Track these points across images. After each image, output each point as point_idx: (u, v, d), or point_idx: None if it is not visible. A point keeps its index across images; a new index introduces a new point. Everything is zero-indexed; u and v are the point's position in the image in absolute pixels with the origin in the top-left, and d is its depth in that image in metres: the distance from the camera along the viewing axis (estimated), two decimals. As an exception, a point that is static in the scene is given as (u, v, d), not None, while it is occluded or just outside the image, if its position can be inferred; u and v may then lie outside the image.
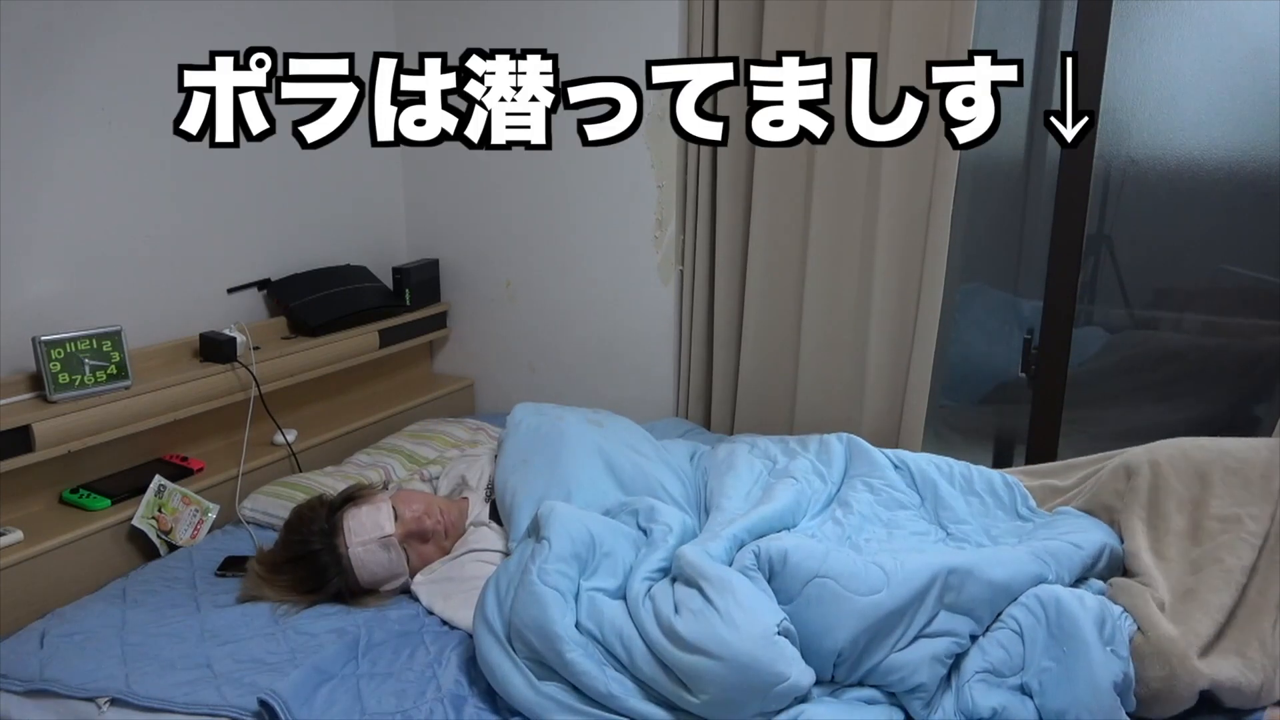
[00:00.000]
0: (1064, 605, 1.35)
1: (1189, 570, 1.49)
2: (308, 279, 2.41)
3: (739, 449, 1.97)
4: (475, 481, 1.97)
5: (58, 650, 1.51)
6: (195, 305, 2.17)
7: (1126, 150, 2.17)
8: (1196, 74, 2.08)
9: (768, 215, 2.26)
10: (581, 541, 1.49)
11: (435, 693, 1.41)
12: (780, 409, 2.37)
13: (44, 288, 1.88)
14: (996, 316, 2.44)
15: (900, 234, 2.14)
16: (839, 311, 2.25)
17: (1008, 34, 2.23)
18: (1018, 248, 2.37)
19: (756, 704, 1.29)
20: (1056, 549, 1.51)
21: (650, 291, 2.49)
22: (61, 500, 1.86)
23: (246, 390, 2.12)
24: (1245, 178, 2.09)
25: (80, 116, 1.90)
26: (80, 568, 1.76)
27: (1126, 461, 1.68)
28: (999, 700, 1.30)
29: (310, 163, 2.42)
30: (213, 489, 2.00)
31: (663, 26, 2.30)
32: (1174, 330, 2.30)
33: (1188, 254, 2.24)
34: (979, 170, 2.31)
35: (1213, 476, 1.59)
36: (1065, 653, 1.31)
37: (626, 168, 2.43)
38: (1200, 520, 1.55)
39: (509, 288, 2.70)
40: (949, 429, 2.49)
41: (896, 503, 1.80)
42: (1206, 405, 2.28)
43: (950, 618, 1.39)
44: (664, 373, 2.54)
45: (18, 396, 1.79)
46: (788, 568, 1.42)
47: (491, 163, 2.61)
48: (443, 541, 1.78)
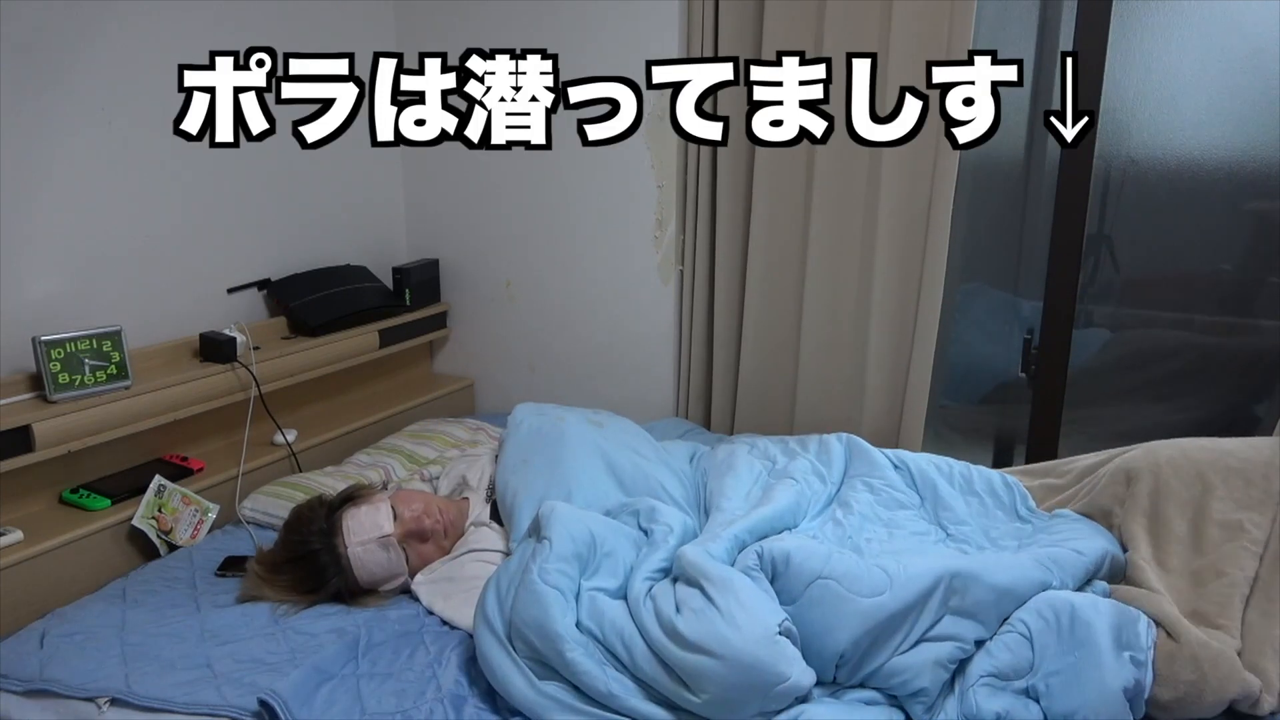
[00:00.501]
0: (1078, 611, 1.35)
1: (1191, 583, 1.49)
2: (308, 279, 2.41)
3: (739, 449, 1.97)
4: (476, 482, 1.97)
5: (58, 650, 1.51)
6: (195, 305, 2.17)
7: (1126, 150, 2.17)
8: (1196, 74, 2.09)
9: (768, 215, 2.26)
10: (582, 541, 1.50)
11: (435, 693, 1.41)
12: (780, 409, 2.37)
13: (44, 288, 1.88)
14: (996, 316, 2.44)
15: (900, 234, 2.14)
16: (839, 311, 2.25)
17: (1008, 34, 2.23)
18: (1018, 248, 2.38)
19: (757, 704, 1.29)
20: (1059, 555, 1.51)
21: (650, 291, 2.49)
22: (61, 500, 1.86)
23: (246, 390, 2.12)
24: (1245, 178, 2.09)
25: (80, 116, 1.90)
26: (80, 568, 1.76)
27: (1127, 466, 1.67)
28: (1003, 705, 1.30)
29: (310, 163, 2.42)
30: (213, 489, 2.00)
31: (663, 26, 2.30)
32: (1174, 330, 2.30)
33: (1188, 254, 2.24)
34: (979, 170, 2.31)
35: (1214, 478, 1.58)
36: (1077, 658, 1.31)
37: (626, 168, 2.43)
38: (1202, 527, 1.55)
39: (509, 288, 2.70)
40: (949, 429, 2.49)
41: (896, 503, 1.80)
42: (1206, 405, 2.28)
43: (955, 621, 1.39)
44: (664, 373, 2.54)
45: (18, 396, 1.79)
46: (790, 568, 1.42)
47: (491, 163, 2.61)
48: (442, 541, 1.77)
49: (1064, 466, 1.85)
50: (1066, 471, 1.83)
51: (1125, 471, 1.67)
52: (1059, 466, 1.87)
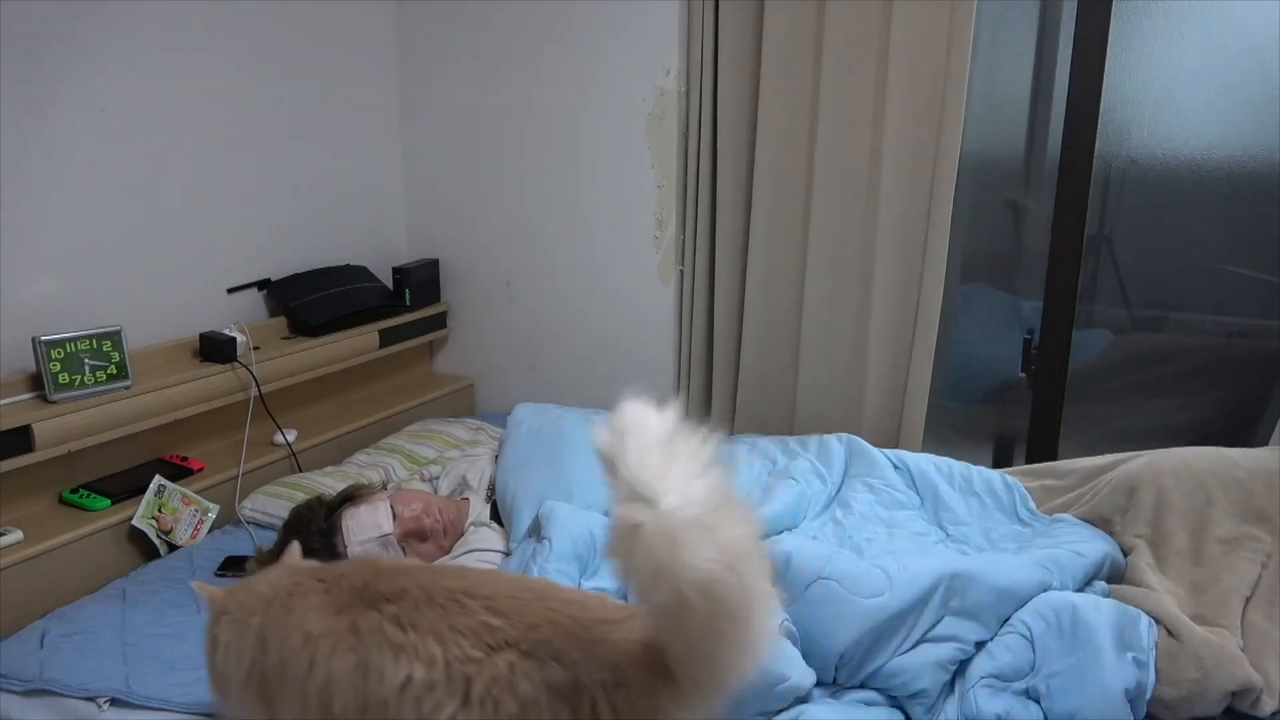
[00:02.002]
0: (1079, 612, 1.35)
1: (1191, 591, 1.49)
2: (308, 279, 2.41)
3: (738, 450, 1.97)
4: (476, 482, 1.97)
5: (58, 650, 1.51)
6: (195, 305, 2.17)
7: (1126, 150, 2.17)
8: (1196, 74, 2.09)
9: (768, 215, 2.26)
10: (582, 541, 1.50)
11: (436, 693, 1.40)
12: (780, 409, 2.37)
13: (44, 288, 1.88)
14: (996, 316, 2.44)
15: (900, 234, 2.14)
16: (839, 311, 2.25)
17: (1008, 34, 2.23)
18: (1018, 248, 2.38)
19: (757, 703, 1.29)
20: (1059, 557, 1.51)
21: (650, 291, 2.49)
22: (61, 500, 1.86)
23: (246, 390, 2.12)
24: (1245, 178, 2.09)
25: (81, 117, 1.90)
26: (80, 568, 1.76)
27: (1129, 476, 1.67)
28: (1004, 705, 1.30)
29: (310, 163, 2.42)
30: (213, 489, 2.00)
31: (663, 26, 2.30)
32: (1174, 330, 2.30)
33: (1188, 254, 2.24)
34: (979, 170, 2.31)
35: (1216, 491, 1.58)
36: (1078, 659, 1.31)
37: (626, 168, 2.43)
38: (1202, 540, 1.55)
39: (509, 288, 2.70)
40: (949, 429, 2.48)
41: (896, 503, 1.80)
42: (1206, 405, 2.28)
43: (955, 622, 1.39)
44: (664, 373, 2.53)
45: (18, 396, 1.79)
46: (791, 569, 1.42)
47: (491, 163, 2.61)
48: (441, 540, 1.77)
49: (1065, 468, 1.85)
50: (1067, 473, 1.83)
51: (1128, 482, 1.67)
52: (1059, 468, 1.87)
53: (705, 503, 0.83)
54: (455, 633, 1.00)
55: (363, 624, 1.04)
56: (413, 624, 1.02)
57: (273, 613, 1.11)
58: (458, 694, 0.97)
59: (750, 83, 2.23)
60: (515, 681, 0.96)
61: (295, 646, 1.05)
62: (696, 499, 0.83)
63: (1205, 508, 1.57)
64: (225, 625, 1.15)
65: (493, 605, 1.02)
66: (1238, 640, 1.37)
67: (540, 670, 0.96)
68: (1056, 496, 1.80)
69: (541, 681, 0.96)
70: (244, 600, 1.15)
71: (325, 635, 1.04)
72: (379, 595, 1.06)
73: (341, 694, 1.02)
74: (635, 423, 0.87)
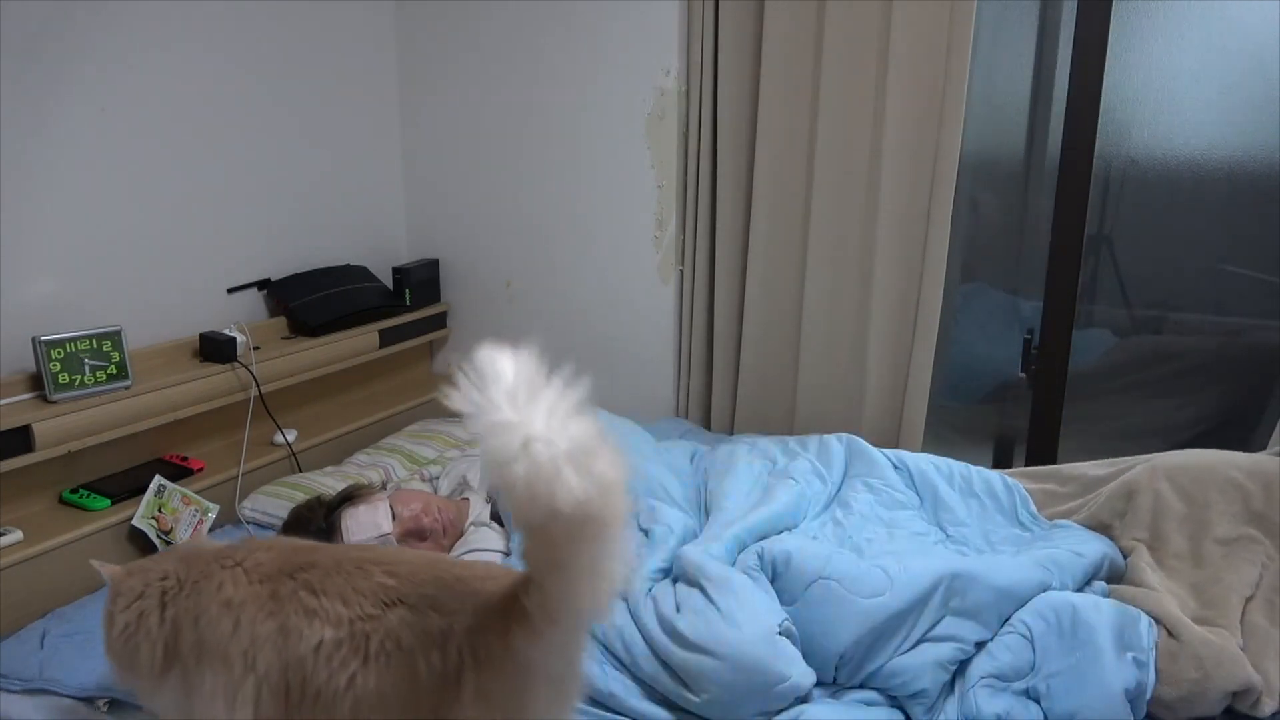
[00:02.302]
0: (1079, 612, 1.35)
1: (1190, 593, 1.49)
2: (308, 279, 2.41)
3: (738, 450, 1.97)
4: (477, 482, 1.98)
5: (58, 650, 1.51)
6: (195, 305, 2.17)
7: (1126, 150, 2.17)
8: (1196, 74, 2.09)
9: (768, 215, 2.26)
10: (582, 541, 1.49)
11: (435, 693, 1.41)
12: (780, 409, 2.37)
13: (44, 288, 1.88)
14: (996, 316, 2.44)
15: (900, 234, 2.14)
16: (839, 311, 2.25)
17: (1008, 34, 2.23)
18: (1018, 248, 2.38)
19: (757, 703, 1.29)
20: (1059, 557, 1.52)
21: (650, 291, 2.49)
22: (61, 500, 1.86)
23: (246, 390, 2.12)
24: (1245, 178, 2.09)
25: (80, 116, 1.90)
26: (80, 568, 1.75)
27: (1126, 483, 1.68)
28: (1004, 705, 1.30)
29: (310, 163, 2.42)
30: (213, 489, 2.00)
31: (663, 26, 2.30)
32: (1174, 330, 2.30)
33: (1188, 254, 2.24)
34: (979, 170, 2.31)
35: (1214, 494, 1.59)
36: (1078, 659, 1.31)
37: (626, 168, 2.43)
38: (1201, 543, 1.55)
39: (509, 288, 2.70)
40: (949, 429, 2.48)
41: (896, 503, 1.80)
42: (1206, 404, 2.28)
43: (956, 622, 1.39)
44: (664, 373, 2.53)
45: (18, 396, 1.79)
46: (791, 569, 1.42)
47: (491, 163, 2.61)
48: (441, 540, 1.77)
49: (1068, 473, 1.85)
50: (1070, 479, 1.83)
51: (1125, 487, 1.67)
52: (1062, 472, 1.86)
53: (578, 439, 0.91)
54: (358, 594, 1.11)
55: (281, 590, 1.14)
56: (323, 589, 1.12)
57: (182, 600, 1.18)
58: (360, 651, 1.07)
59: (750, 83, 2.23)
60: (400, 634, 1.07)
61: (214, 615, 1.14)
62: (570, 434, 0.91)
63: (1203, 510, 1.58)
64: (123, 605, 1.22)
65: (390, 569, 1.13)
66: (1238, 640, 1.37)
67: (421, 620, 1.07)
68: (1058, 503, 1.80)
69: (421, 630, 1.06)
70: (144, 580, 1.23)
71: (248, 601, 1.14)
72: (294, 565, 1.16)
73: (265, 654, 1.11)
74: (495, 367, 0.94)
